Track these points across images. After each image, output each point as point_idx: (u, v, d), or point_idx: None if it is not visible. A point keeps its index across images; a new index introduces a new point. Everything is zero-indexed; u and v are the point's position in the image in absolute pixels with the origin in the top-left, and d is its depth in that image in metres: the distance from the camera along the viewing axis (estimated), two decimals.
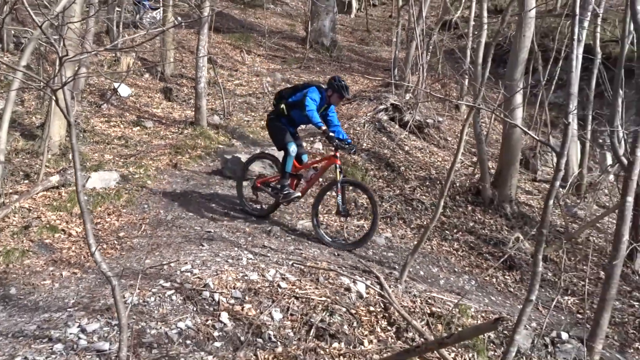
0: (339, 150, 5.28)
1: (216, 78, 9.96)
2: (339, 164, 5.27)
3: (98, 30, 10.76)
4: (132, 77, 10.18)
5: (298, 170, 5.60)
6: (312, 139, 7.88)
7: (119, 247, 5.05)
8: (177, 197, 6.20)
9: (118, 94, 9.27)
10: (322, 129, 5.13)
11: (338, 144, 5.20)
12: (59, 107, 2.96)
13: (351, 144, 5.43)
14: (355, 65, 13.35)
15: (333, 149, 5.31)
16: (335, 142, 5.17)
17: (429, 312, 4.07)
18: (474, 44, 8.02)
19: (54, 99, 2.75)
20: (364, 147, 7.83)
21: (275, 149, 6.05)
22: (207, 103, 9.02)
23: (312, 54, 13.29)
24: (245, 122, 9.41)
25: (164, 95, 9.93)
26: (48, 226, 5.37)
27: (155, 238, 5.13)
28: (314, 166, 5.70)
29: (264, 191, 5.82)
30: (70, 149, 3.95)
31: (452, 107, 10.49)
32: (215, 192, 6.46)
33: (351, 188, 6.02)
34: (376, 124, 8.41)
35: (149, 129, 8.51)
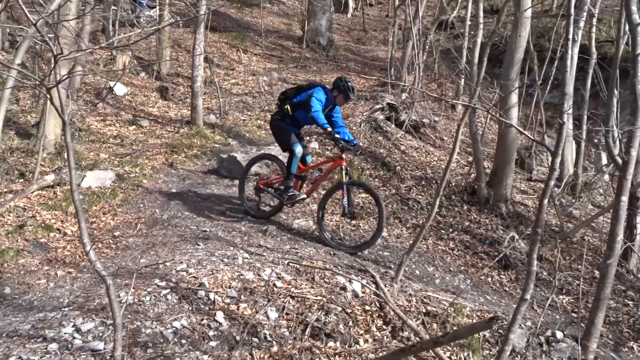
0: (345, 152, 5.21)
1: (212, 77, 9.94)
2: (345, 165, 5.18)
3: (94, 29, 10.72)
4: (128, 76, 10.15)
5: (302, 171, 5.52)
6: (309, 139, 7.88)
7: (114, 247, 5.03)
8: (173, 197, 6.18)
9: (114, 93, 9.24)
10: (328, 131, 5.04)
11: (344, 145, 5.10)
12: (54, 105, 2.95)
13: (357, 145, 5.36)
14: (352, 64, 13.36)
15: (339, 150, 5.21)
16: (341, 144, 5.07)
17: (424, 311, 4.08)
18: (470, 43, 8.05)
19: (49, 97, 2.74)
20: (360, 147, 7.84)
21: (272, 148, 6.02)
22: (203, 102, 9.02)
23: (309, 54, 13.29)
24: (242, 122, 9.40)
25: (160, 94, 9.91)
26: (43, 225, 5.35)
27: (151, 237, 5.11)
28: (318, 167, 5.65)
29: (267, 193, 5.72)
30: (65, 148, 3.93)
31: (448, 106, 10.52)
32: (211, 192, 6.45)
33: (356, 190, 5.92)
34: (372, 124, 8.41)
35: (144, 128, 8.48)
